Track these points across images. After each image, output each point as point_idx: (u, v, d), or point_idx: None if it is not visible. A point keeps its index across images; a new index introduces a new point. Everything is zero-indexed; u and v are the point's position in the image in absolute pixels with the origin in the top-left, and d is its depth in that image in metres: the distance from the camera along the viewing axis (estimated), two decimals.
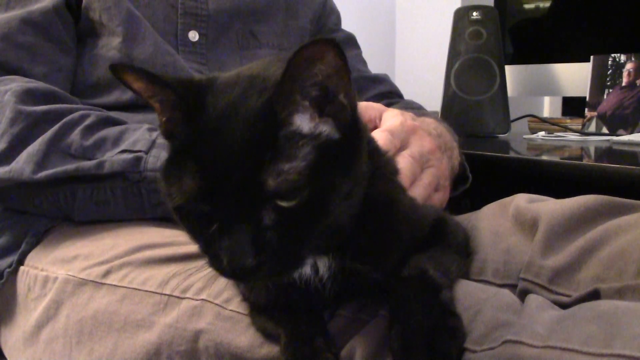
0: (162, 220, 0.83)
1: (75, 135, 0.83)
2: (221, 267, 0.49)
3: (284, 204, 0.47)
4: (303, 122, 0.49)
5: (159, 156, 0.81)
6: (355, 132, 0.52)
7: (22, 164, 0.81)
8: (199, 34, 1.00)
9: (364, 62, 1.27)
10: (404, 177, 0.74)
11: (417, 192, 0.76)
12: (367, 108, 0.83)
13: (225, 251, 0.47)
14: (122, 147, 0.82)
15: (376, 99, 1.16)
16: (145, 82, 0.51)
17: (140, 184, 0.81)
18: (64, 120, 0.84)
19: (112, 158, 0.81)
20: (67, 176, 0.81)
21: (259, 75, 0.51)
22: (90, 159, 0.82)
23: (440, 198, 0.82)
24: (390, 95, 1.21)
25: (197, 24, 1.00)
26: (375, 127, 0.80)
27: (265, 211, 0.47)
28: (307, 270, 0.54)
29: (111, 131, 0.85)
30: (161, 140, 0.82)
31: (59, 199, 0.84)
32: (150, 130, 0.85)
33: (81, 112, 0.86)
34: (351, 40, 1.27)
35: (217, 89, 0.51)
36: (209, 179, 0.47)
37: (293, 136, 0.48)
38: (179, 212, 0.52)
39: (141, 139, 0.83)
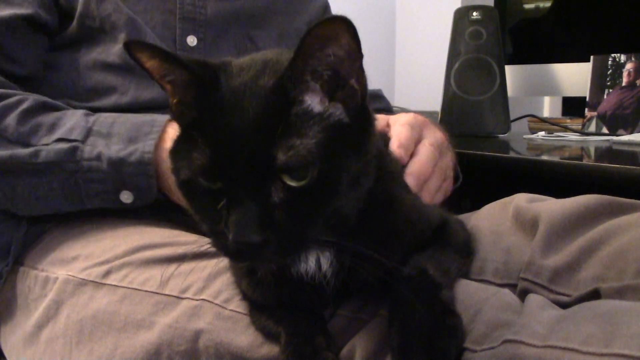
0: (105, 210, 0.83)
1: (11, 119, 0.83)
2: (225, 246, 0.49)
3: (293, 183, 0.47)
4: (313, 102, 0.49)
5: (95, 144, 0.81)
6: (365, 117, 0.53)
7: None
8: (197, 39, 1.00)
9: None
10: (427, 164, 0.79)
11: (435, 181, 0.81)
12: None
13: (231, 226, 0.47)
14: (58, 134, 0.82)
15: None
16: (159, 60, 0.51)
17: (77, 174, 0.81)
18: (0, 104, 0.84)
19: (48, 147, 0.81)
20: (1, 164, 0.80)
21: (273, 59, 0.52)
22: (26, 145, 0.81)
23: (445, 188, 0.86)
24: (384, 112, 1.22)
25: (195, 29, 1.00)
26: (386, 135, 0.80)
27: (275, 188, 0.47)
28: (310, 265, 0.55)
29: (47, 117, 0.84)
30: (98, 128, 0.83)
31: (1, 192, 0.83)
32: (87, 115, 0.85)
33: (18, 96, 0.86)
34: None
35: (231, 71, 0.51)
36: (219, 153, 0.48)
37: (304, 114, 0.48)
38: (186, 188, 0.52)
39: (77, 127, 0.83)
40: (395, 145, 0.78)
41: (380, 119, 0.85)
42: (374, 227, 0.56)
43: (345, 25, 0.46)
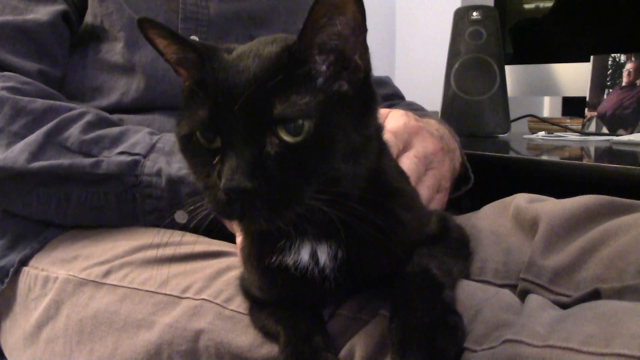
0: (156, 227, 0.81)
1: (74, 129, 0.83)
2: (216, 200, 0.49)
3: (289, 139, 0.47)
4: (319, 73, 0.50)
5: (156, 160, 0.80)
6: (367, 93, 0.53)
7: (17, 153, 0.81)
8: (199, 39, 1.00)
9: None
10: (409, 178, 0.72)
11: (421, 193, 0.74)
12: None
13: (223, 174, 0.47)
14: (121, 148, 0.82)
15: None
16: (168, 39, 0.53)
17: (135, 188, 0.80)
18: (64, 115, 0.84)
19: (110, 159, 0.80)
20: (62, 172, 0.80)
21: (281, 36, 0.54)
22: (86, 154, 0.81)
23: (440, 199, 0.82)
24: (392, 98, 1.21)
25: (197, 29, 0.99)
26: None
27: (270, 141, 0.48)
28: (304, 257, 0.54)
29: (112, 130, 0.85)
30: (161, 145, 0.82)
31: (51, 200, 0.82)
32: (152, 134, 0.85)
33: (80, 109, 0.86)
34: None
35: (234, 48, 0.53)
36: (218, 105, 0.49)
37: (306, 78, 0.49)
38: (185, 143, 0.53)
39: (141, 142, 0.83)
40: None
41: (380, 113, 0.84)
42: (378, 217, 0.55)
43: None
